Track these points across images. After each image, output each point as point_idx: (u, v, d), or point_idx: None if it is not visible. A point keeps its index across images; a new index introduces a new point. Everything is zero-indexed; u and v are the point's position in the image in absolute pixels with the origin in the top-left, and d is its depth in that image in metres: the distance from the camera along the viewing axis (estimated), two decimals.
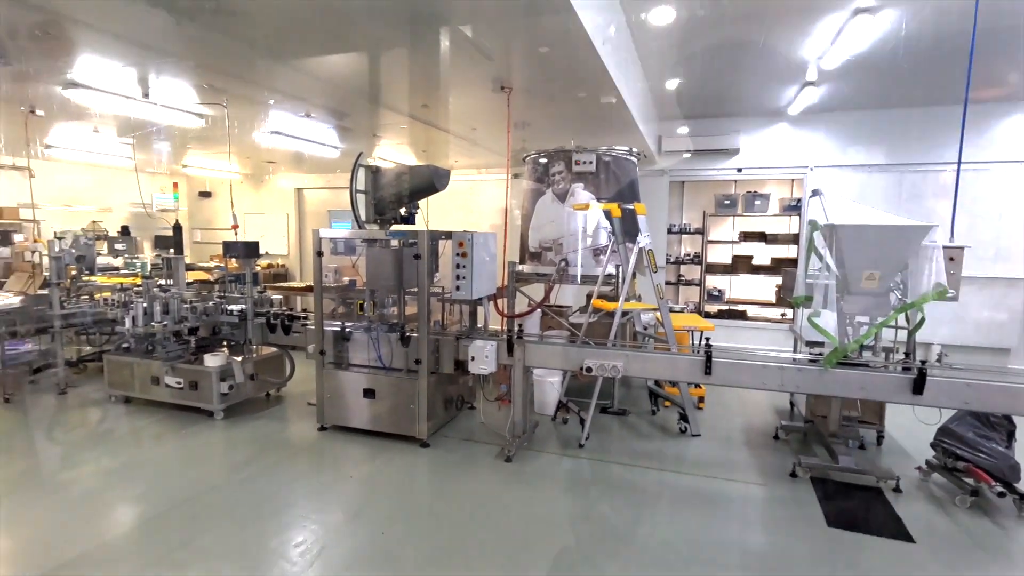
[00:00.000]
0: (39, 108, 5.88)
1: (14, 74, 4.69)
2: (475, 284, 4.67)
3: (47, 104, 5.73)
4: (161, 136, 7.50)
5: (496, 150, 8.15)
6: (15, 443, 4.85)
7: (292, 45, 4.22)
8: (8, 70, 4.54)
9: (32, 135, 6.93)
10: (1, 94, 5.34)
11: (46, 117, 6.24)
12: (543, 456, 4.60)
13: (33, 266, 7.44)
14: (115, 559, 3.16)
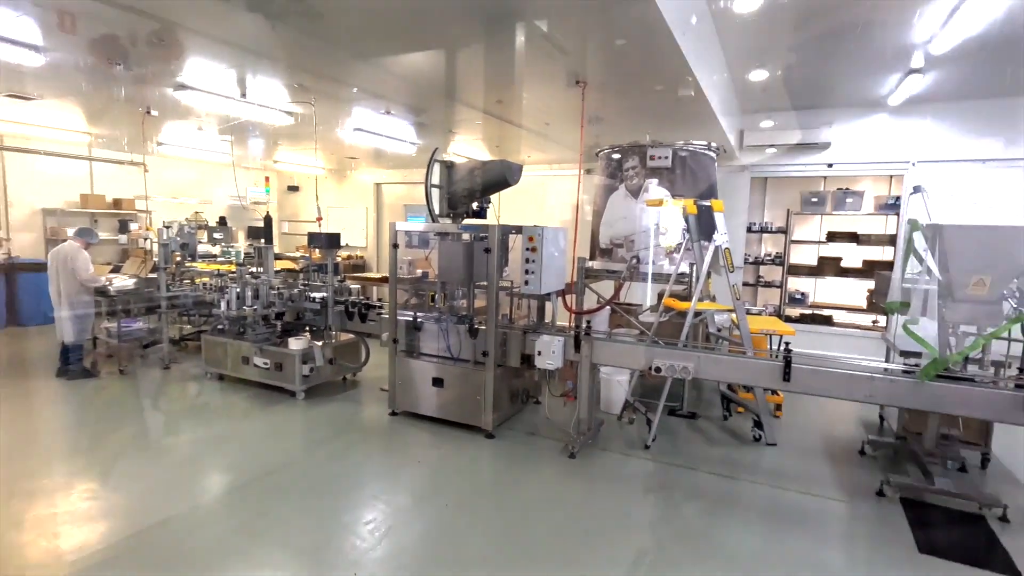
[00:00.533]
0: (153, 109, 6.49)
1: (133, 78, 5.19)
2: (544, 279, 4.67)
3: (160, 105, 6.31)
4: (255, 133, 8.06)
5: (568, 145, 8.10)
6: (127, 410, 5.41)
7: (374, 44, 4.39)
8: (129, 75, 5.04)
9: (147, 133, 7.66)
10: (122, 96, 5.93)
11: (159, 117, 6.88)
12: (607, 455, 4.55)
13: (144, 252, 8.23)
14: (205, 522, 3.45)
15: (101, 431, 4.89)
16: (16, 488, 3.69)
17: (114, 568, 2.94)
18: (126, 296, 6.58)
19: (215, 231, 8.10)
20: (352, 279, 9.55)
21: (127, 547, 3.12)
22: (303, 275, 6.96)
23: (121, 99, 6.05)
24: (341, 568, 2.99)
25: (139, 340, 6.99)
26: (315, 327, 6.29)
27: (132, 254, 8.76)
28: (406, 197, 11.90)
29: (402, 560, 3.08)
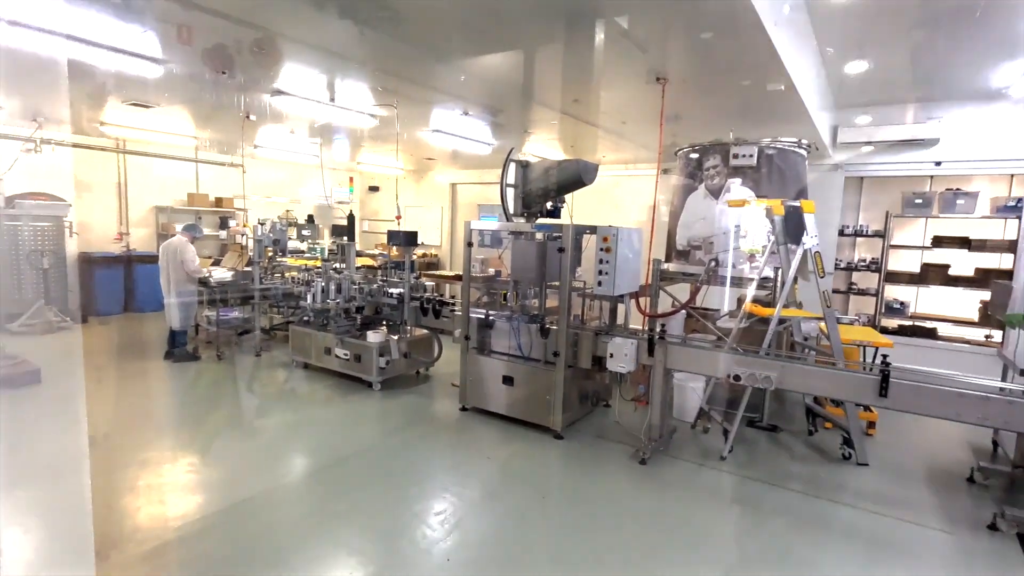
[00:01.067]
0: (252, 114, 6.99)
1: (236, 86, 5.62)
2: (618, 280, 4.59)
3: (258, 110, 6.78)
4: (342, 136, 8.48)
5: (645, 144, 7.91)
6: (224, 393, 5.87)
7: (455, 46, 4.49)
8: (233, 82, 5.45)
9: (246, 137, 8.27)
10: (225, 103, 6.43)
11: (256, 121, 7.39)
12: (680, 463, 4.40)
13: (241, 247, 8.88)
14: (288, 500, 3.67)
15: (201, 410, 5.33)
16: (131, 458, 4.08)
17: (211, 537, 3.19)
18: (224, 287, 7.13)
19: (303, 229, 8.61)
20: (427, 276, 9.83)
21: (221, 519, 3.37)
22: (381, 271, 7.24)
23: (225, 105, 6.56)
24: (412, 555, 3.08)
25: (235, 328, 7.56)
26: (392, 322, 6.52)
27: (230, 249, 9.49)
28: (480, 197, 12.10)
29: (470, 554, 3.12)
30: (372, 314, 6.55)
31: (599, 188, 5.88)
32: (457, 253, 12.41)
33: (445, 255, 12.73)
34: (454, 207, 12.68)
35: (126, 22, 3.78)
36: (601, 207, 9.40)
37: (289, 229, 8.00)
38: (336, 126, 7.60)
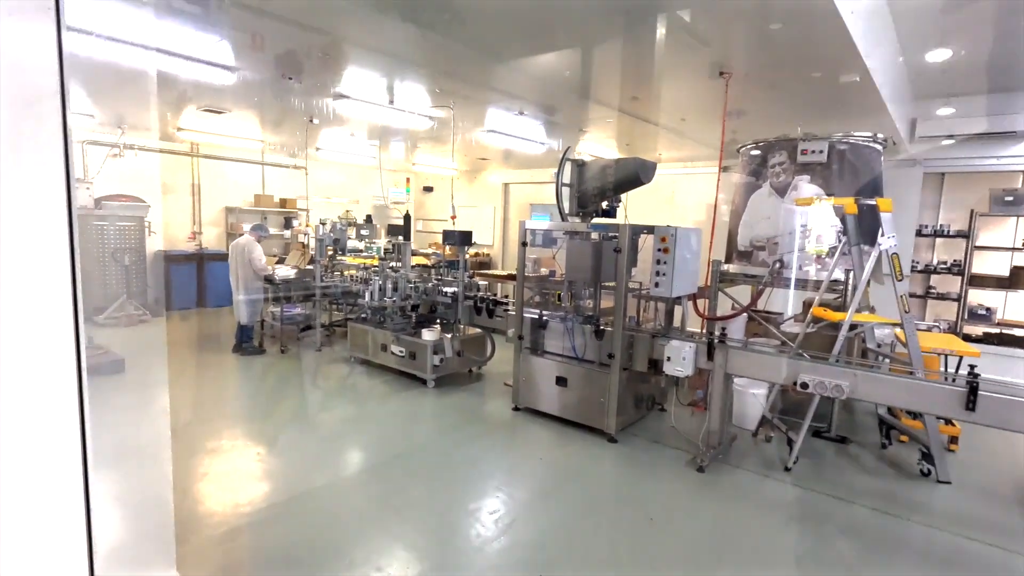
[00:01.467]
0: (315, 118, 7.25)
1: (301, 90, 5.84)
2: (675, 282, 4.47)
3: (320, 114, 7.03)
4: (399, 138, 8.67)
5: (705, 141, 7.68)
6: (288, 386, 6.12)
7: (513, 46, 4.49)
8: (298, 87, 5.67)
9: (309, 140, 8.59)
10: (291, 107, 6.70)
11: (319, 125, 7.67)
12: (740, 473, 4.23)
13: (303, 246, 9.24)
14: (348, 493, 3.78)
15: (267, 402, 5.58)
16: (202, 446, 4.32)
17: (276, 524, 3.32)
18: (288, 284, 7.44)
19: (362, 228, 8.85)
20: (479, 276, 9.90)
21: (287, 507, 3.51)
22: (435, 270, 7.35)
23: (290, 110, 6.84)
24: (466, 553, 3.10)
25: (297, 324, 7.87)
26: (445, 320, 6.61)
27: (293, 247, 9.89)
28: (532, 196, 12.09)
29: (523, 554, 3.12)
30: (427, 312, 6.66)
31: (656, 187, 5.74)
32: (509, 253, 12.45)
33: (497, 255, 12.80)
34: (506, 207, 12.73)
35: (205, 32, 4.00)
36: (658, 207, 9.19)
37: (348, 229, 8.25)
38: (394, 128, 7.78)
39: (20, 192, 1.45)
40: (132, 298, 8.68)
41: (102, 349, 6.25)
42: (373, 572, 2.89)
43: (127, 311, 8.42)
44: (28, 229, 1.47)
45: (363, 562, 2.97)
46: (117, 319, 8.22)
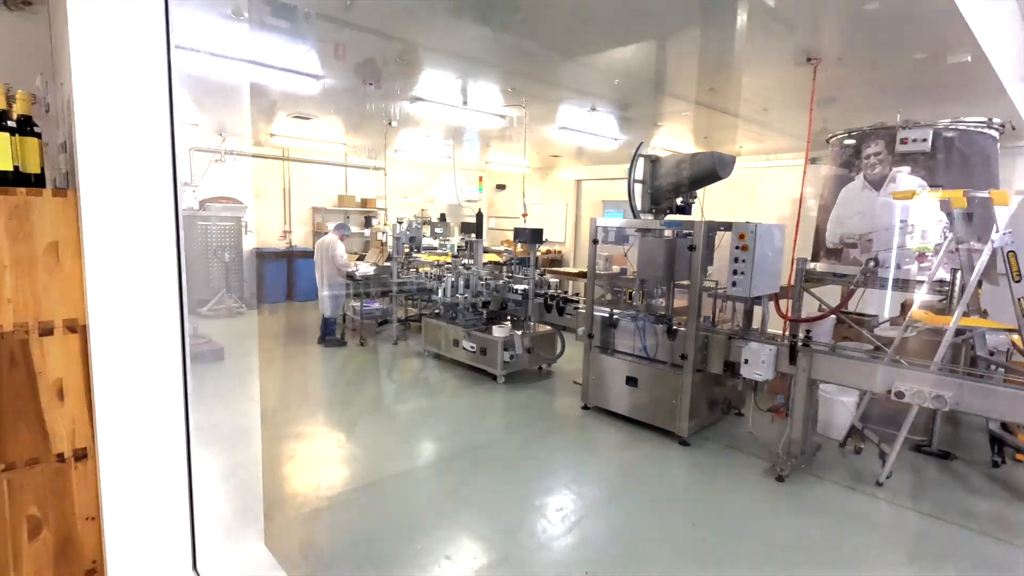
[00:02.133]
0: (394, 120, 7.54)
1: (380, 95, 6.10)
2: (755, 281, 4.25)
3: (398, 117, 7.30)
4: (472, 137, 8.84)
5: (790, 132, 7.23)
6: (367, 377, 6.43)
7: (585, 42, 4.45)
8: (378, 92, 5.92)
9: (388, 142, 8.95)
10: (371, 111, 7.01)
11: (397, 127, 7.97)
12: (825, 484, 3.97)
13: (382, 244, 9.65)
14: (420, 482, 3.92)
15: (347, 392, 5.90)
16: (287, 431, 4.64)
17: (355, 508, 3.52)
18: (367, 281, 7.80)
19: (436, 226, 9.12)
20: (551, 273, 9.90)
21: (364, 492, 3.70)
22: (507, 267, 7.44)
23: (370, 114, 7.15)
24: (532, 548, 3.13)
25: (375, 319, 8.24)
26: (516, 317, 6.67)
27: (373, 245, 10.35)
28: (604, 193, 11.92)
29: (589, 553, 3.10)
30: (497, 309, 6.76)
31: (736, 182, 5.49)
32: (581, 250, 12.35)
33: (569, 252, 12.74)
34: (578, 204, 12.63)
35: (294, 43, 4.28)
36: (738, 202, 8.78)
37: (423, 227, 8.52)
38: (467, 128, 7.94)
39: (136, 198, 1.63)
40: (231, 292, 9.45)
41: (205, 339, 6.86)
42: (442, 559, 2.98)
43: (227, 304, 9.17)
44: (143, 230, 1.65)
45: (432, 549, 3.07)
46: (218, 311, 8.98)
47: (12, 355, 1.64)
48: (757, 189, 9.12)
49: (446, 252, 8.97)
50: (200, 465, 1.89)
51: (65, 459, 1.75)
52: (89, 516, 1.81)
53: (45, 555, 1.75)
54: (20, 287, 1.63)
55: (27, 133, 1.74)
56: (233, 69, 2.19)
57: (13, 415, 1.66)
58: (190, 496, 1.83)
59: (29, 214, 1.63)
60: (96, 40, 1.52)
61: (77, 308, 1.72)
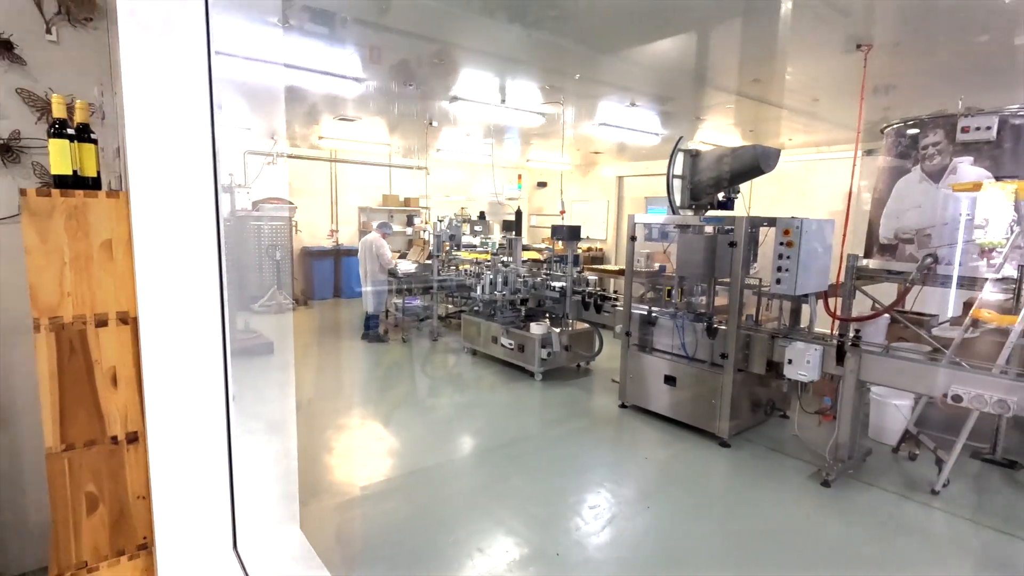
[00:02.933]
0: (434, 120, 7.66)
1: (420, 96, 6.21)
2: (800, 278, 4.11)
3: (438, 117, 7.42)
4: (511, 135, 8.88)
5: (843, 123, 6.91)
6: (405, 372, 6.57)
7: (623, 37, 4.39)
8: (417, 93, 6.04)
9: (429, 142, 9.10)
10: (410, 112, 7.14)
11: (437, 127, 8.09)
12: (875, 491, 3.79)
13: (423, 242, 9.83)
14: (456, 475, 3.98)
15: (387, 386, 6.05)
16: (329, 422, 4.80)
17: (390, 499, 3.61)
18: (409, 278, 7.97)
19: (476, 224, 9.22)
20: (590, 270, 9.82)
21: (400, 483, 3.80)
22: (546, 265, 7.43)
23: (411, 114, 7.30)
24: (565, 544, 3.13)
25: (416, 315, 8.41)
26: (554, 314, 6.67)
27: (415, 243, 10.55)
28: (647, 190, 11.72)
29: (623, 552, 3.08)
30: (535, 306, 6.77)
31: (783, 176, 5.32)
32: (622, 247, 12.17)
33: (610, 249, 12.61)
34: (620, 200, 12.48)
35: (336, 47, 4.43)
36: (786, 196, 8.48)
37: (463, 225, 8.62)
38: (506, 126, 7.98)
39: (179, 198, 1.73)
40: (281, 289, 9.84)
41: (256, 333, 7.19)
42: (475, 552, 3.03)
43: (277, 300, 9.56)
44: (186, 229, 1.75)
45: (466, 541, 3.12)
46: (269, 307, 9.38)
47: (72, 344, 1.78)
48: (808, 183, 8.77)
49: (487, 250, 9.05)
50: (240, 452, 1.99)
51: (118, 441, 1.89)
52: (140, 495, 1.94)
53: (102, 529, 1.89)
54: (78, 281, 1.76)
55: (85, 140, 1.88)
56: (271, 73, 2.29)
57: (73, 400, 1.80)
58: (231, 481, 1.93)
59: (86, 214, 1.76)
60: (142, 51, 1.63)
61: (129, 301, 1.84)
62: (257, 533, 2.05)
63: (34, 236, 1.73)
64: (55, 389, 1.78)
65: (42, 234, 1.73)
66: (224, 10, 1.84)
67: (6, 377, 2.59)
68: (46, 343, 1.75)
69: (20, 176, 2.49)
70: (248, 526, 2.01)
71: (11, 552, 2.68)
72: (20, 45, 2.41)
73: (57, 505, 1.82)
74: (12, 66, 2.40)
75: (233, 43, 1.89)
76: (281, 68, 2.49)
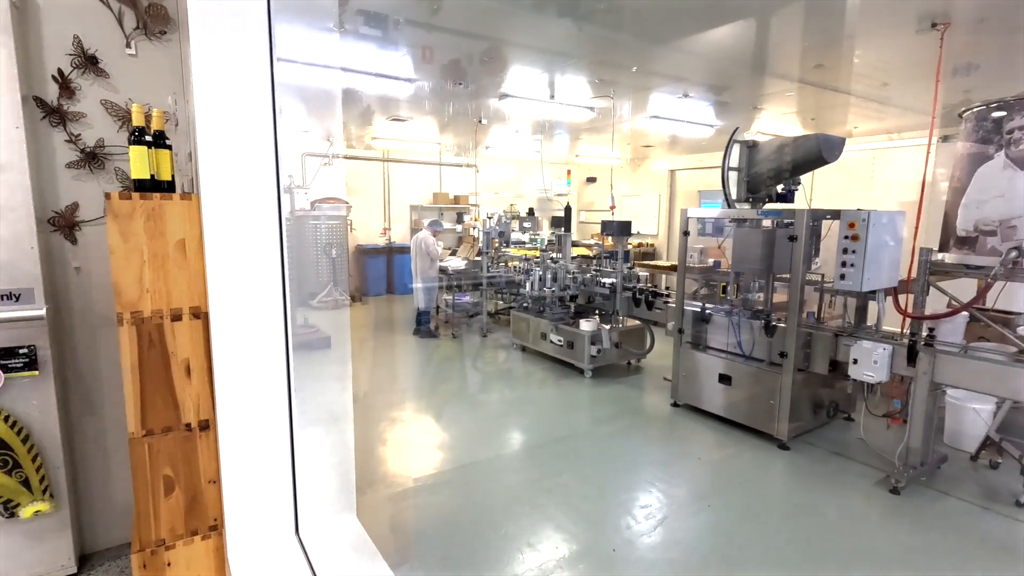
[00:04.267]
0: (483, 118, 7.72)
1: (470, 94, 6.27)
2: (867, 273, 3.89)
3: (487, 114, 7.46)
4: (561, 130, 8.83)
5: (916, 108, 6.48)
6: (455, 367, 6.67)
7: (676, 26, 4.28)
8: (467, 91, 6.10)
9: (478, 139, 9.18)
10: (461, 110, 7.22)
11: (486, 125, 8.15)
12: (950, 501, 3.56)
13: (473, 239, 9.94)
14: (506, 470, 4.02)
15: (439, 380, 6.17)
16: (383, 415, 4.94)
17: (441, 491, 3.69)
18: (459, 275, 8.08)
19: (525, 221, 9.23)
20: (641, 266, 9.66)
21: (451, 476, 3.87)
22: (595, 261, 7.36)
23: (461, 112, 7.38)
24: (615, 543, 3.10)
25: (466, 311, 8.52)
26: (604, 311, 6.60)
27: (465, 240, 10.68)
28: (700, 183, 11.40)
29: (674, 553, 3.02)
30: (585, 303, 6.72)
31: (848, 166, 5.05)
32: (674, 242, 11.91)
33: (662, 245, 12.34)
34: (672, 195, 12.18)
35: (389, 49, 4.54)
36: (850, 188, 8.04)
37: (513, 222, 8.66)
38: (555, 121, 7.94)
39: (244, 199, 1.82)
40: (337, 286, 10.19)
41: (315, 328, 7.50)
42: (525, 547, 3.05)
43: (334, 296, 9.92)
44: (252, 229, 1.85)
45: (516, 536, 3.15)
46: (326, 303, 9.73)
47: (151, 337, 1.91)
48: (876, 172, 8.28)
49: (536, 246, 9.06)
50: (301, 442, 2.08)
51: (192, 429, 2.01)
52: (211, 480, 2.06)
53: (177, 510, 2.02)
54: (155, 279, 1.89)
55: (160, 146, 2.01)
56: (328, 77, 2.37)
57: (152, 389, 1.94)
58: (292, 469, 2.02)
59: (162, 216, 1.89)
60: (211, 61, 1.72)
61: (200, 297, 1.96)
62: (317, 520, 2.14)
63: (117, 236, 1.87)
64: (137, 379, 1.92)
65: (124, 234, 1.87)
66: (285, 19, 1.92)
67: (95, 368, 2.81)
68: (128, 336, 1.89)
69: (104, 181, 2.69)
70: (308, 513, 2.10)
71: (100, 528, 2.91)
72: (103, 60, 2.60)
73: (139, 486, 1.97)
74: (97, 79, 2.60)
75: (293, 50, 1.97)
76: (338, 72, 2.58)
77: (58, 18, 2.52)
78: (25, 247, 2.39)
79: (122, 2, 2.59)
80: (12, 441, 2.41)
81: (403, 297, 10.81)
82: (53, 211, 2.60)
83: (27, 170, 2.38)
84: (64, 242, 2.64)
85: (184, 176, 2.33)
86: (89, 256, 2.70)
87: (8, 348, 2.36)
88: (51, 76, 2.52)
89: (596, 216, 13.12)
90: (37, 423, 2.51)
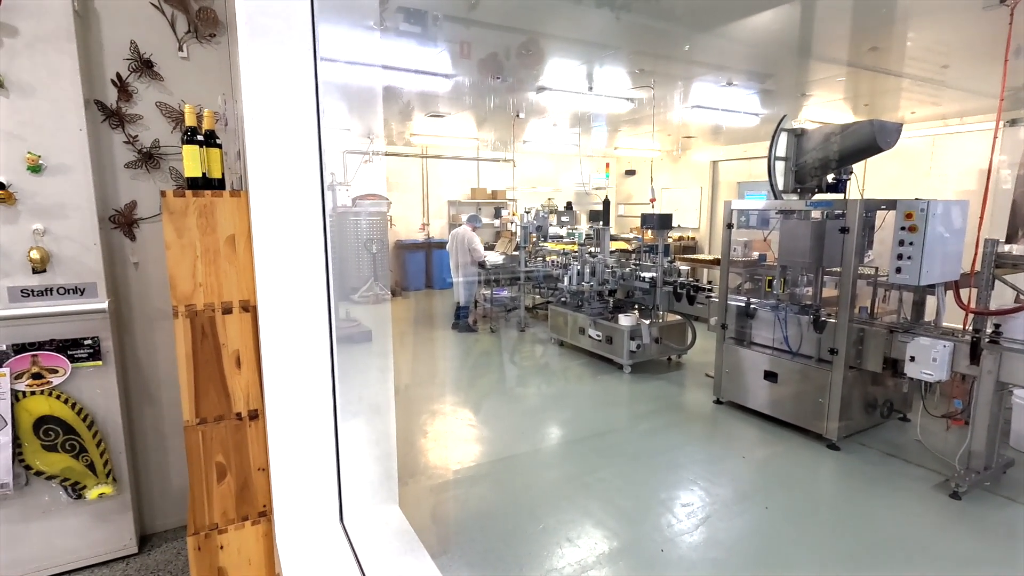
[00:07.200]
0: (521, 112, 7.70)
1: (507, 88, 6.26)
2: (925, 266, 3.70)
3: (525, 108, 7.44)
4: (599, 123, 8.72)
5: (979, 91, 6.10)
6: (493, 361, 6.71)
7: (718, 12, 4.15)
8: (504, 86, 6.09)
9: (515, 134, 9.16)
10: (499, 104, 7.22)
11: (524, 119, 8.12)
12: (1015, 507, 3.35)
13: (511, 234, 9.94)
14: (545, 464, 4.01)
15: (477, 374, 6.22)
16: (424, 407, 5.01)
17: (480, 483, 3.72)
18: (497, 269, 8.10)
19: (563, 215, 9.19)
20: (682, 260, 9.46)
21: (491, 469, 3.89)
22: (635, 255, 7.25)
23: (498, 107, 7.38)
24: (655, 542, 3.06)
25: (504, 306, 8.54)
26: (643, 306, 6.50)
27: (502, 235, 10.70)
28: (743, 174, 11.06)
29: (717, 552, 2.96)
30: (624, 298, 6.63)
31: (903, 153, 4.80)
32: (716, 235, 11.61)
33: (704, 238, 12.05)
34: (714, 186, 11.86)
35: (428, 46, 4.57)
36: (906, 176, 7.64)
37: (550, 216, 8.62)
38: (594, 114, 7.85)
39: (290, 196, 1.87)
40: (377, 280, 10.39)
41: (356, 322, 7.68)
42: (564, 542, 3.04)
43: (374, 291, 10.11)
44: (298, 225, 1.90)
45: (555, 531, 3.14)
46: (367, 297, 9.93)
47: (203, 329, 1.99)
48: (935, 160, 7.84)
49: (574, 240, 8.99)
50: (345, 433, 2.12)
51: (242, 418, 2.09)
52: (260, 467, 2.14)
53: (229, 496, 2.10)
54: (207, 273, 1.97)
55: (211, 145, 2.08)
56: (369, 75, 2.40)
57: (205, 379, 2.02)
58: (337, 459, 2.07)
59: (214, 212, 1.96)
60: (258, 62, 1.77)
61: (249, 291, 2.02)
62: (360, 509, 2.19)
63: (172, 232, 1.95)
64: (191, 369, 2.00)
65: (179, 230, 1.95)
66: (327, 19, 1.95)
67: (152, 358, 2.95)
68: (183, 328, 1.97)
69: (159, 180, 2.82)
70: (352, 502, 2.15)
71: (157, 511, 3.06)
72: (158, 63, 2.71)
73: (193, 472, 2.06)
74: (152, 82, 2.71)
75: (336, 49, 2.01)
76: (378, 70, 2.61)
77: (116, 24, 2.64)
78: (89, 244, 2.52)
79: (175, 7, 2.69)
80: (79, 427, 2.56)
81: (442, 291, 10.92)
82: (113, 209, 2.74)
83: (90, 170, 2.51)
84: (123, 239, 2.78)
85: (233, 174, 2.42)
86: (146, 252, 2.83)
87: (74, 339, 2.50)
88: (110, 80, 2.65)
89: (635, 209, 12.92)
90: (101, 410, 2.65)
